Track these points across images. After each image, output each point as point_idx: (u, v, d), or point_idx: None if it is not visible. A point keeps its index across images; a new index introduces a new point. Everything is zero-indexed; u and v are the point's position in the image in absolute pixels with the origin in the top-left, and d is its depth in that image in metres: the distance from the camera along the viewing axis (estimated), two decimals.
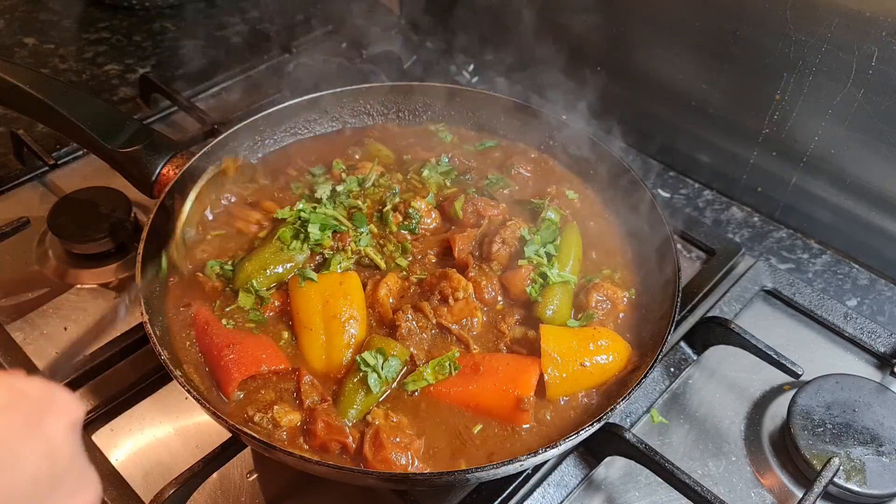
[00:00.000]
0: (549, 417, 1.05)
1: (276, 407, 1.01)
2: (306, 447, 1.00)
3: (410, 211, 1.25)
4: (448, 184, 1.35)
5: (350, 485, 1.09)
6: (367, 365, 1.03)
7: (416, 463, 0.98)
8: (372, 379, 1.03)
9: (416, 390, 1.05)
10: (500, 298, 1.17)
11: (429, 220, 1.27)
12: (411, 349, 1.08)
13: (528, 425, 1.04)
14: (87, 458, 0.62)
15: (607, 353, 1.09)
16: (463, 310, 1.13)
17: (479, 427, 1.03)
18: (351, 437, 0.99)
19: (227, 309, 1.13)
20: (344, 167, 1.34)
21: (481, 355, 1.10)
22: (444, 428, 1.03)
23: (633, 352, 1.12)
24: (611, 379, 1.09)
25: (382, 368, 1.04)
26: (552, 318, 1.14)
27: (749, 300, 1.36)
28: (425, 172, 1.35)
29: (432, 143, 1.45)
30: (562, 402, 1.07)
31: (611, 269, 1.24)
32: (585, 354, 1.07)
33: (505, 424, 1.04)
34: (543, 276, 1.17)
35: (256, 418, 1.00)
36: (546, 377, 1.05)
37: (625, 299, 1.19)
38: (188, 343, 1.09)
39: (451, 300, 1.13)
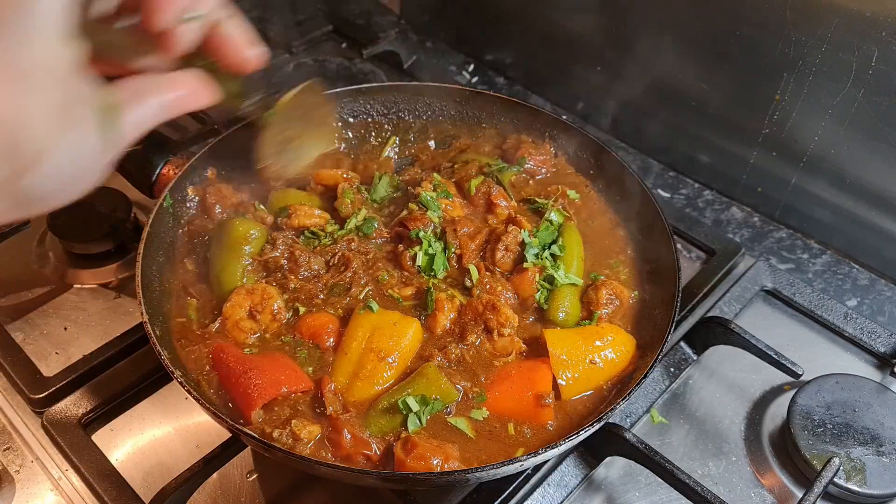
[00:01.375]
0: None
1: (293, 421, 0.99)
2: (331, 458, 0.99)
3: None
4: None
5: (350, 485, 1.09)
6: (409, 409, 1.02)
7: (452, 462, 0.97)
8: (412, 423, 1.02)
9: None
10: (515, 302, 1.18)
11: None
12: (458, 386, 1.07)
13: (552, 422, 1.05)
14: None
15: (614, 347, 1.09)
16: (507, 346, 1.11)
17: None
18: (375, 448, 0.99)
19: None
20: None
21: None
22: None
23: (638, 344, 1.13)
24: (621, 372, 1.10)
25: (424, 413, 1.03)
26: (564, 320, 1.15)
27: (749, 300, 1.36)
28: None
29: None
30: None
31: (618, 267, 1.25)
32: (593, 351, 1.08)
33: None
34: (550, 279, 1.17)
35: (275, 434, 0.98)
36: (558, 380, 1.06)
37: (632, 298, 1.19)
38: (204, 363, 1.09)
39: (495, 334, 1.11)
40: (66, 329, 1.27)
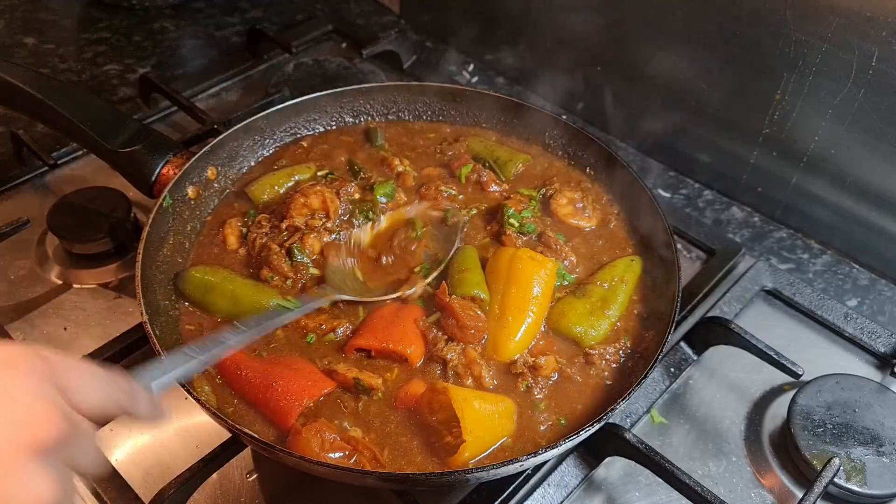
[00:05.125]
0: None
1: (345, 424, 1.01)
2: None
3: None
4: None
5: (350, 485, 1.08)
6: None
7: None
8: None
9: None
10: None
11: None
12: None
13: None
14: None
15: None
16: None
17: None
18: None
19: None
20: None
21: None
22: None
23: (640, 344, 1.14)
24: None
25: None
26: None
27: (749, 300, 1.36)
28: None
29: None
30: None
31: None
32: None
33: None
34: None
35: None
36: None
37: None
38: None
39: None
40: (66, 329, 1.27)
